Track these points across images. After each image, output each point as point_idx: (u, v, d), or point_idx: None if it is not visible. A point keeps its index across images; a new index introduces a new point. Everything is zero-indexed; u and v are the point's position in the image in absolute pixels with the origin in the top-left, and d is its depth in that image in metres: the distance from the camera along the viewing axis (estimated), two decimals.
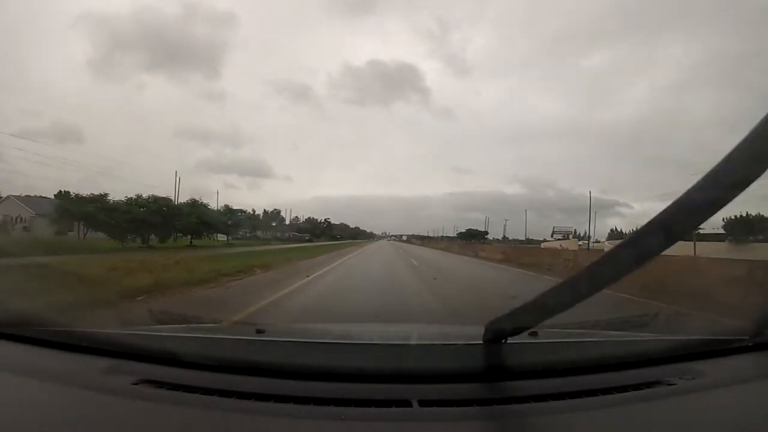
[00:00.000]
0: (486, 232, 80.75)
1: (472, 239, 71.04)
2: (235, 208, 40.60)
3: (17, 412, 1.01)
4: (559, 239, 62.08)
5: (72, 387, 1.10)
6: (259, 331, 1.62)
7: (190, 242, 30.22)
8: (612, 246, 1.05)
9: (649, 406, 1.08)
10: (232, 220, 37.75)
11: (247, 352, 1.27)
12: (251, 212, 50.63)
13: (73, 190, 25.47)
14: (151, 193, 27.37)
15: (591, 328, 2.18)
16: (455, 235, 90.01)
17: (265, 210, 66.19)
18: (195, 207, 30.03)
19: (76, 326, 1.39)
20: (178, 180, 37.99)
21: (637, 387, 1.14)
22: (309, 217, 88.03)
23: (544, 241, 66.67)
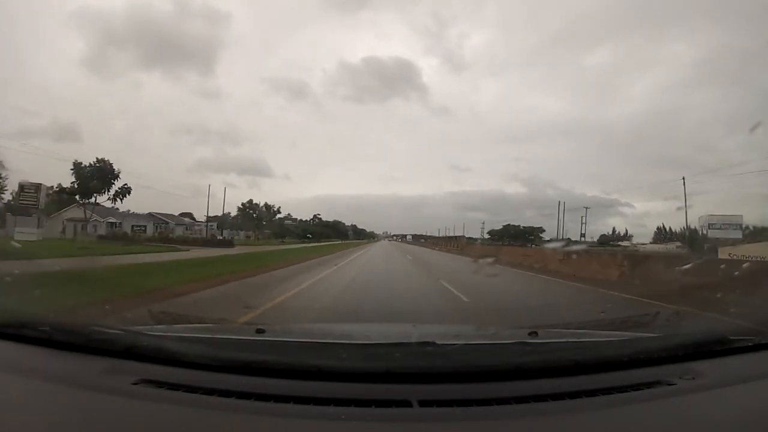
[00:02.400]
0: (541, 229, 51.70)
1: (515, 241, 48.55)
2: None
3: (17, 412, 1.01)
4: (730, 238, 31.78)
5: (72, 387, 1.10)
6: (259, 331, 1.63)
7: None
8: None
9: (649, 406, 1.08)
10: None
11: (247, 352, 1.27)
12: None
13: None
14: None
15: (591, 328, 2.19)
16: (485, 235, 64.13)
17: (90, 163, 23.86)
18: None
19: (76, 326, 1.39)
20: None
21: (637, 387, 1.14)
22: (249, 203, 49.08)
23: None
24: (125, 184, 24.73)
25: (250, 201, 51.16)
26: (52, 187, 26.62)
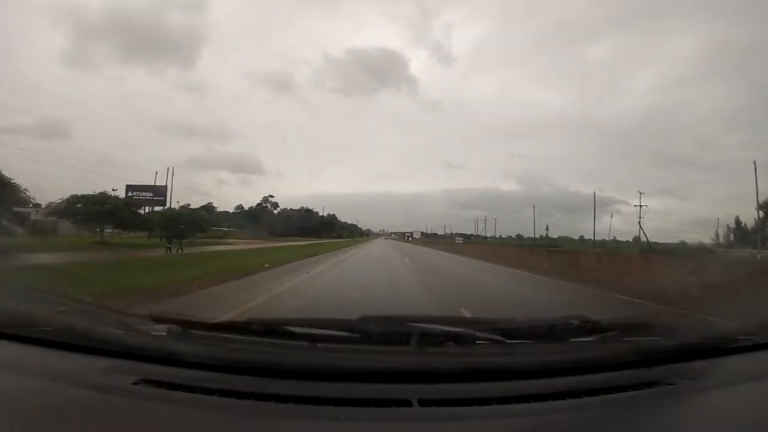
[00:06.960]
0: None
1: None
2: None
3: (17, 412, 1.01)
4: None
5: (72, 387, 1.10)
6: None
7: None
8: None
9: (649, 406, 1.08)
10: None
11: (247, 352, 1.26)
12: None
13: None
14: None
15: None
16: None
17: None
18: None
19: (76, 326, 1.39)
20: None
21: (637, 387, 1.14)
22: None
23: None
24: None
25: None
26: None
